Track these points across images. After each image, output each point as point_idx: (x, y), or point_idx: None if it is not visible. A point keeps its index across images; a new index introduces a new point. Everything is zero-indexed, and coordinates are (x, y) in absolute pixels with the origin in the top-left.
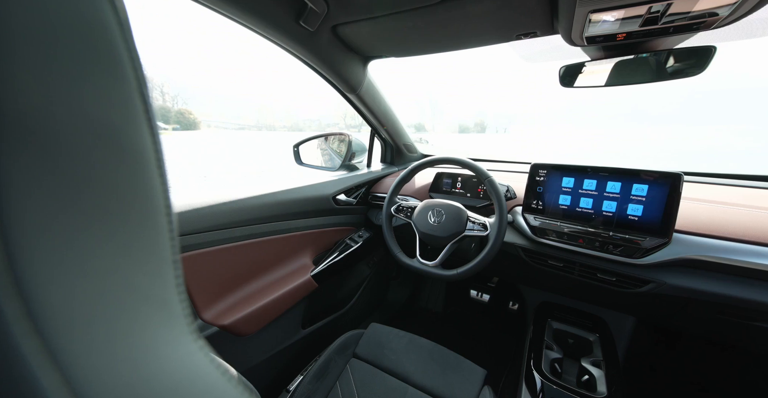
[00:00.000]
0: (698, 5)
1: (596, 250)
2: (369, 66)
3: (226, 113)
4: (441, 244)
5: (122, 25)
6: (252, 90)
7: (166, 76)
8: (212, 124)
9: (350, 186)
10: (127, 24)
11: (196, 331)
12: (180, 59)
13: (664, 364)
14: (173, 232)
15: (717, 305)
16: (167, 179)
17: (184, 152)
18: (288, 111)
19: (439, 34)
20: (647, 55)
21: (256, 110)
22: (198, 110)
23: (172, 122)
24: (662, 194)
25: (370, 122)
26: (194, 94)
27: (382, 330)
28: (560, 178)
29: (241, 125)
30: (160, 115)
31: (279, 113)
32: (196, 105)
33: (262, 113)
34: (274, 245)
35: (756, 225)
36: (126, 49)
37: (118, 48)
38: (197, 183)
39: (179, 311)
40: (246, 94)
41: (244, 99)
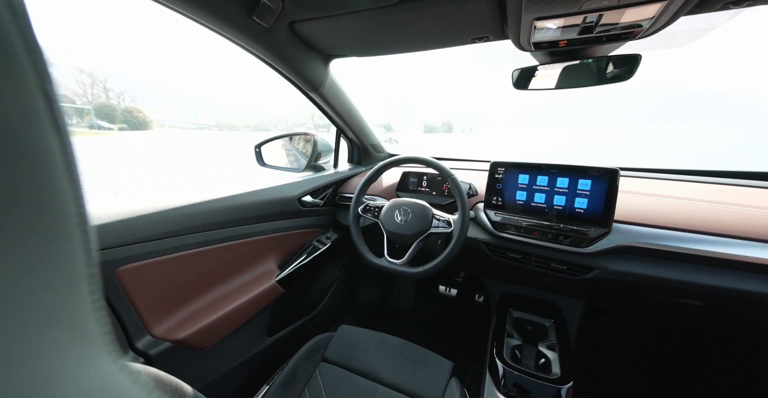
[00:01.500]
0: (624, 17)
1: (549, 241)
2: (331, 65)
3: (182, 112)
4: (408, 242)
5: (15, 11)
6: (213, 88)
7: (110, 72)
8: (166, 123)
9: (316, 187)
10: (22, 10)
11: (119, 350)
12: (129, 54)
13: (609, 342)
14: (89, 243)
15: (650, 286)
16: (80, 184)
17: (133, 154)
18: (252, 110)
19: (398, 35)
20: (591, 61)
21: (217, 108)
22: (150, 109)
23: (118, 122)
24: (603, 188)
25: (335, 121)
26: (146, 92)
27: (352, 332)
28: (517, 175)
29: (200, 124)
30: (104, 113)
31: (242, 111)
32: (148, 103)
33: (223, 112)
34: (235, 251)
35: (681, 214)
36: (21, 38)
37: (9, 38)
38: (149, 187)
39: (95, 329)
40: (206, 92)
41: (203, 97)
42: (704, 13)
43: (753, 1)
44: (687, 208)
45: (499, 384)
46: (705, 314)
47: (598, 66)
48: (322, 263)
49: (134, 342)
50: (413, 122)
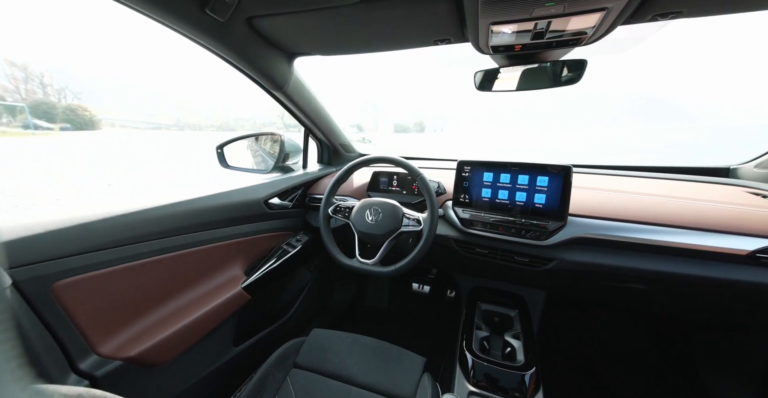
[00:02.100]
0: (570, 25)
1: (513, 236)
2: (295, 63)
3: (137, 110)
4: (379, 242)
5: None
6: (172, 84)
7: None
8: (117, 123)
9: (285, 189)
10: None
11: (30, 375)
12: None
13: (568, 327)
14: None
15: (601, 273)
16: None
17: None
18: (216, 109)
19: (361, 35)
20: (548, 64)
21: (177, 106)
22: (98, 106)
23: (60, 121)
24: (558, 183)
25: (302, 121)
26: (93, 88)
27: (325, 335)
28: (482, 173)
29: (158, 124)
30: (42, 111)
31: (205, 110)
32: (96, 100)
33: (184, 111)
34: (195, 259)
35: (626, 206)
36: None
37: None
38: (98, 193)
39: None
40: (164, 89)
41: (161, 94)
42: (637, 23)
43: (675, 15)
44: (631, 201)
45: (469, 375)
46: (646, 296)
47: (553, 70)
48: (293, 267)
49: (77, 363)
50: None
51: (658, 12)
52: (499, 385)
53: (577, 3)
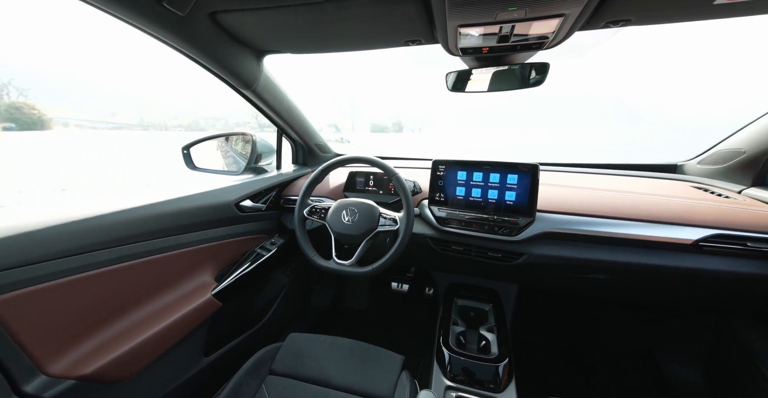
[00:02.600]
0: (532, 30)
1: (486, 232)
2: (265, 61)
3: (94, 109)
4: (356, 242)
5: None
6: (136, 82)
7: None
8: (71, 122)
9: (257, 190)
10: None
11: None
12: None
13: (540, 317)
14: None
15: (567, 266)
16: None
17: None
18: (185, 107)
19: (332, 34)
20: (517, 67)
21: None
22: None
23: (1, 120)
24: (527, 181)
25: (274, 121)
26: (43, 85)
27: (302, 339)
28: (456, 172)
29: (119, 123)
30: None
31: (173, 109)
32: (46, 98)
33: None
34: (159, 266)
35: (590, 202)
36: None
37: None
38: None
39: None
40: (127, 87)
41: (124, 92)
42: (592, 29)
43: (625, 22)
44: (593, 196)
45: (446, 370)
46: (608, 285)
47: (521, 72)
48: (268, 271)
49: (21, 385)
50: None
51: (609, 19)
52: (475, 378)
53: (537, 9)
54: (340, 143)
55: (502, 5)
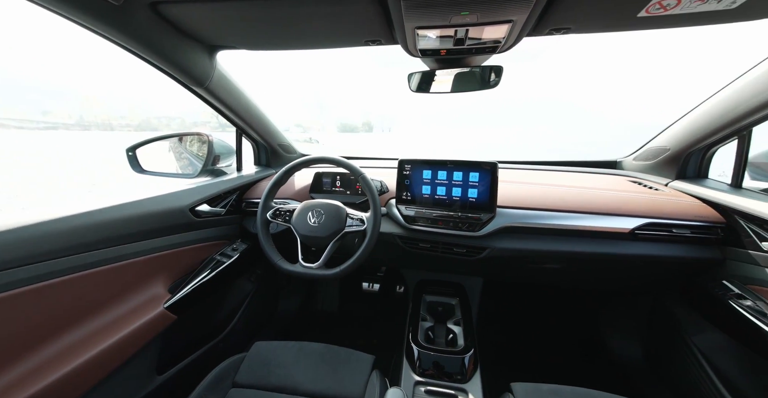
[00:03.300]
0: (485, 34)
1: (451, 229)
2: (219, 57)
3: (20, 107)
4: (323, 244)
5: None
6: (74, 76)
7: None
8: None
9: (215, 194)
10: None
11: None
12: None
13: (503, 307)
14: None
15: (525, 257)
16: None
17: None
18: (134, 105)
19: (288, 31)
20: (478, 69)
21: (81, 102)
22: None
23: None
24: (487, 178)
25: (232, 120)
26: None
27: (268, 347)
28: (421, 171)
29: (53, 123)
30: None
31: (120, 107)
32: None
33: (91, 108)
34: (100, 280)
35: (544, 197)
36: None
37: None
38: None
39: None
40: (62, 82)
41: (58, 88)
42: (539, 36)
43: (566, 30)
44: (546, 192)
45: (415, 365)
46: (561, 274)
47: (482, 74)
48: (230, 278)
49: None
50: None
51: (552, 27)
52: (444, 371)
53: (487, 14)
54: (308, 143)
55: (455, 10)
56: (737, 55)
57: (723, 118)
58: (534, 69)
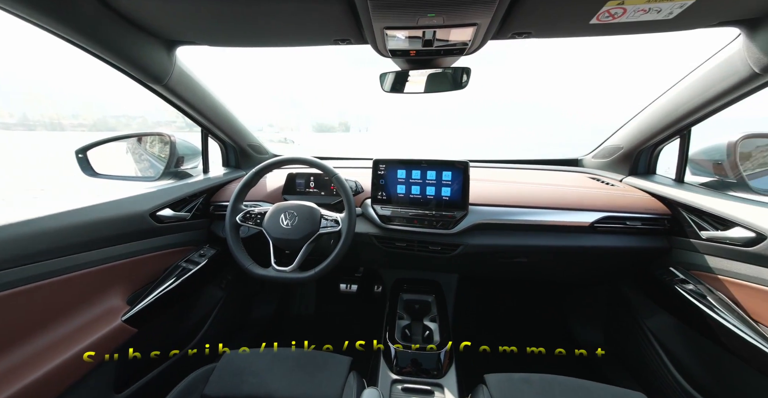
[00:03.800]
0: (452, 36)
1: (426, 227)
2: (178, 52)
3: None
4: (297, 246)
5: None
6: (17, 70)
7: None
8: None
9: (179, 197)
10: None
11: None
12: None
13: (478, 302)
14: None
15: (496, 253)
16: None
17: None
18: (89, 103)
19: (252, 27)
20: (450, 70)
21: (27, 100)
22: None
23: None
24: (459, 177)
25: (196, 120)
26: None
27: (240, 356)
28: (396, 170)
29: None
30: None
31: (72, 104)
32: None
33: (39, 105)
34: (48, 294)
35: (512, 194)
36: None
37: None
38: None
39: None
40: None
41: None
42: (502, 39)
43: (527, 35)
44: (515, 189)
45: (392, 364)
46: (529, 267)
47: (452, 75)
48: (198, 286)
49: None
50: (310, 121)
51: (514, 31)
52: (421, 368)
53: (453, 17)
54: (283, 143)
55: (422, 11)
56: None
57: (666, 118)
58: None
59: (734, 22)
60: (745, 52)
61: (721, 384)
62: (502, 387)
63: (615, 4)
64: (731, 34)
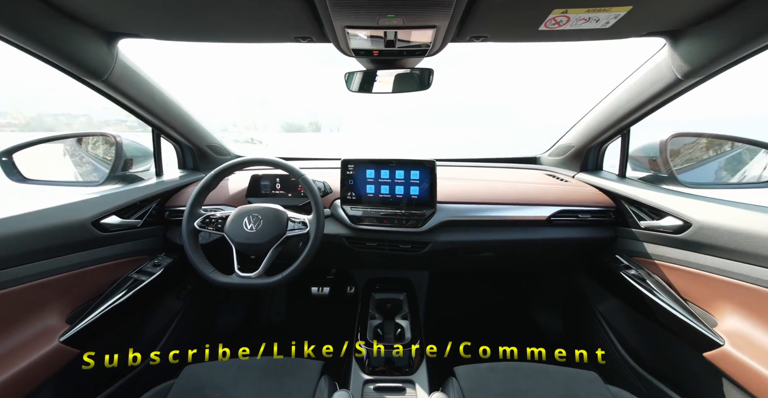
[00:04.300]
0: (413, 38)
1: (396, 226)
2: (121, 46)
3: None
4: (263, 251)
5: None
6: None
7: None
8: None
9: (128, 203)
10: None
11: None
12: None
13: (450, 297)
14: None
15: (464, 248)
16: None
17: None
18: (21, 100)
19: (204, 21)
20: (417, 71)
21: None
22: None
23: None
24: (427, 176)
25: (145, 119)
26: None
27: (202, 370)
28: (365, 170)
29: None
30: None
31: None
32: None
33: None
34: None
35: (477, 191)
36: None
37: None
38: None
39: None
40: None
41: None
42: (462, 42)
43: (484, 38)
44: (479, 186)
45: (364, 365)
46: (496, 261)
47: (419, 75)
48: (152, 298)
49: None
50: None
51: (472, 35)
52: (394, 366)
53: (412, 19)
54: (250, 143)
55: (382, 12)
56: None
57: (609, 119)
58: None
59: (660, 33)
60: (669, 60)
61: (659, 357)
62: (470, 378)
63: (560, 12)
64: (660, 44)
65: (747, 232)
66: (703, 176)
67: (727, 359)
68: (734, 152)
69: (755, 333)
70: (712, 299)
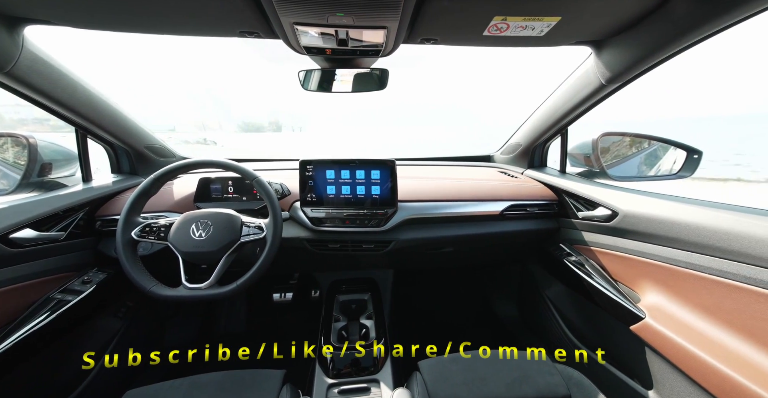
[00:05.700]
0: (365, 37)
1: (358, 226)
2: (27, 33)
3: None
4: (214, 259)
5: None
6: None
7: None
8: None
9: (47, 214)
10: None
11: None
12: None
13: (414, 294)
14: None
15: (425, 245)
16: None
17: None
18: None
19: (135, 8)
20: (377, 71)
21: None
22: None
23: None
24: (387, 175)
25: (65, 117)
26: None
27: (146, 393)
28: (324, 171)
29: None
30: None
31: None
32: None
33: None
34: None
35: (436, 189)
36: None
37: None
38: None
39: None
40: None
41: None
42: (413, 44)
43: (434, 41)
44: (438, 185)
45: (328, 369)
46: (455, 255)
47: (378, 75)
48: (84, 319)
49: None
50: (235, 120)
51: (423, 37)
52: (360, 367)
53: (362, 18)
54: (203, 144)
55: (331, 10)
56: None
57: (549, 119)
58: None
59: (586, 42)
60: (595, 66)
61: (597, 333)
62: (433, 371)
63: (500, 19)
64: (587, 53)
65: (660, 218)
66: (628, 170)
67: (647, 330)
68: (651, 149)
69: (671, 306)
70: (636, 278)
